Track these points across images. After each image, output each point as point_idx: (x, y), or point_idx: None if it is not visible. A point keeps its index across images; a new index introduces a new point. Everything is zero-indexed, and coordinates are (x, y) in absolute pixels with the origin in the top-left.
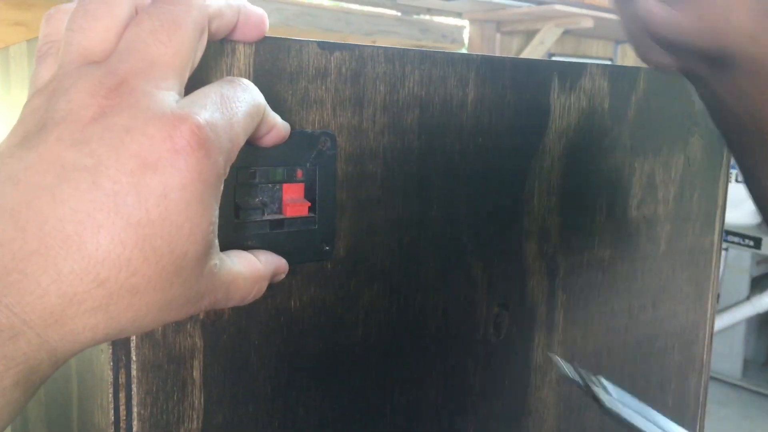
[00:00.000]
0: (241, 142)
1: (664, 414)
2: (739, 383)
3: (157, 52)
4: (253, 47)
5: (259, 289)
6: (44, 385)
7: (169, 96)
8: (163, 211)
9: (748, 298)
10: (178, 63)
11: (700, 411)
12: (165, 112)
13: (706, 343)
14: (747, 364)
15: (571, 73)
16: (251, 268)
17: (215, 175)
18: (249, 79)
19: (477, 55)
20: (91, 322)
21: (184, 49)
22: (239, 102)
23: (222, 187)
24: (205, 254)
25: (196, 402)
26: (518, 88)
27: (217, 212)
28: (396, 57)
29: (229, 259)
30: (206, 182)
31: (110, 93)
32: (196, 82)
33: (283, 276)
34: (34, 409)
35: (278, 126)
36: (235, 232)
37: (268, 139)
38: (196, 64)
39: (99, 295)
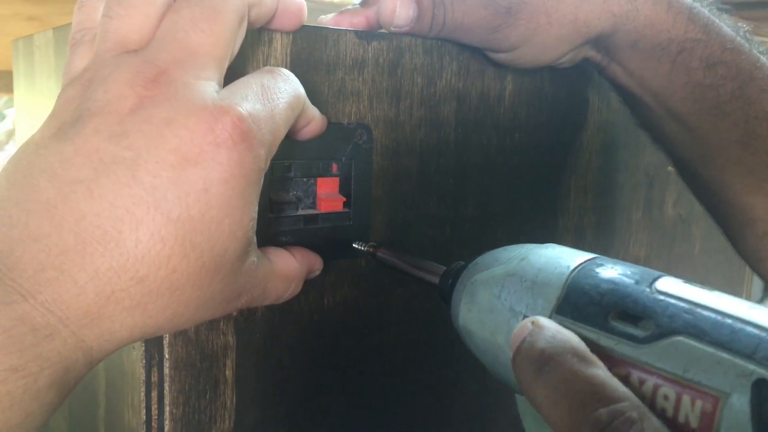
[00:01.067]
0: (283, 134)
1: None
2: None
3: (197, 41)
4: (290, 37)
5: (295, 288)
6: None
7: (209, 86)
8: (204, 206)
9: (761, 300)
10: (219, 52)
11: None
12: (206, 104)
13: None
14: None
15: None
16: (288, 265)
17: (257, 169)
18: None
19: None
20: (129, 320)
21: (225, 38)
22: (280, 93)
23: (262, 182)
24: (245, 251)
25: (228, 401)
26: (556, 81)
27: (256, 207)
28: (434, 48)
29: (266, 257)
30: (248, 177)
31: (149, 83)
32: (232, 71)
33: (317, 273)
34: None
35: (317, 119)
36: (268, 227)
37: (306, 132)
38: (235, 53)
39: (137, 293)
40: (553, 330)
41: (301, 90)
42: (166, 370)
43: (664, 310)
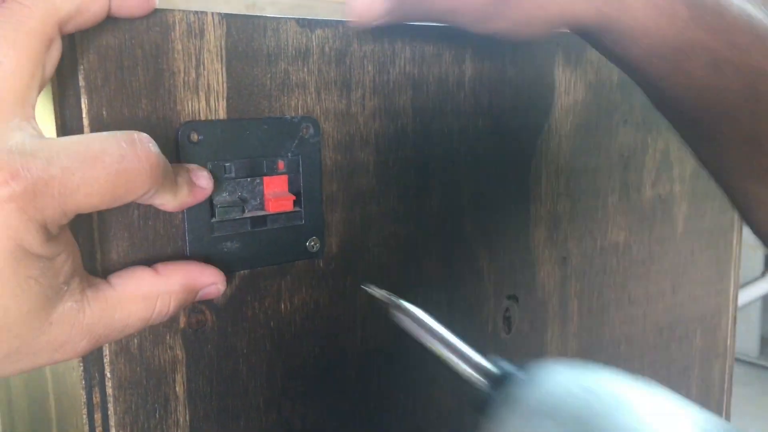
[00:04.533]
0: (82, 207)
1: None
2: (757, 361)
3: None
4: (224, 27)
5: (163, 306)
6: (28, 400)
7: (1, 133)
8: None
9: (763, 274)
10: (14, 88)
11: (725, 398)
12: None
13: (729, 326)
14: (764, 342)
15: (576, 45)
16: (141, 285)
17: (31, 234)
18: (221, 63)
19: None
20: None
21: (23, 70)
22: (105, 167)
23: (49, 245)
24: (39, 307)
25: (181, 419)
26: (519, 63)
27: (47, 264)
28: (385, 33)
29: (101, 291)
30: (17, 238)
31: None
32: (158, 70)
33: (213, 287)
34: (20, 423)
35: (183, 193)
36: (212, 232)
37: (173, 207)
38: (48, 78)
39: None
40: None
41: (147, 178)
42: (109, 390)
43: None
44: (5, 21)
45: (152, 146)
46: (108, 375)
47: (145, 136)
